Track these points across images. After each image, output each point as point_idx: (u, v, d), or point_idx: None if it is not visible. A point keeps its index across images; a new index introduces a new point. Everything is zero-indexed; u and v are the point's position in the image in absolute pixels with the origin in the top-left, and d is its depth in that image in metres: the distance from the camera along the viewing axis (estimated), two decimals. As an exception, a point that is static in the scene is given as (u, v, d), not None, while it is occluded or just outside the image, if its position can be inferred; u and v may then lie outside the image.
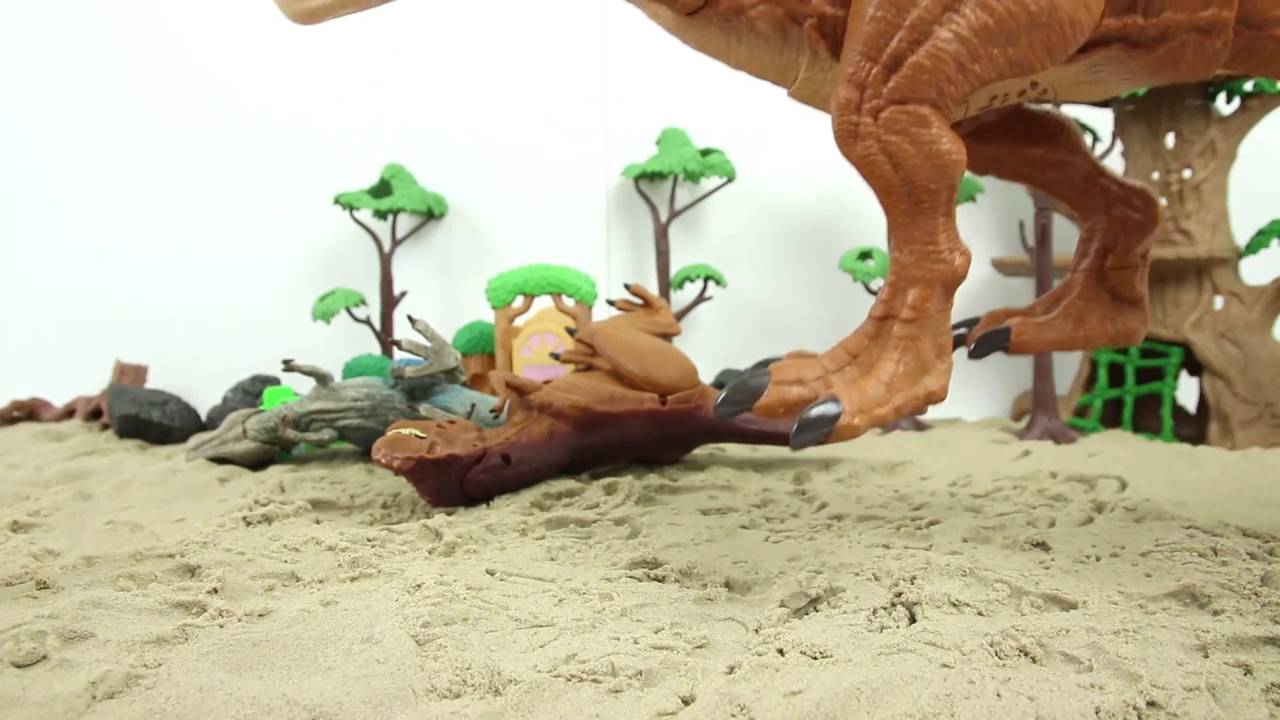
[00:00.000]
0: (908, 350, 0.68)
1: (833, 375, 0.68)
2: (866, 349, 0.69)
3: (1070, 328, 0.88)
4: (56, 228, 2.31)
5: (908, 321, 0.68)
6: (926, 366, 0.68)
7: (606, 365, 1.38)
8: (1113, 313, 0.88)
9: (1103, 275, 0.89)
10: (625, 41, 2.24)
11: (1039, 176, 0.90)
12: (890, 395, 0.66)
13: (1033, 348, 0.87)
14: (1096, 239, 0.89)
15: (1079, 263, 0.90)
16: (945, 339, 0.69)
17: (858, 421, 0.63)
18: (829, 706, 0.56)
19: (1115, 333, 0.88)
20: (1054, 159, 0.89)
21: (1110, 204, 0.89)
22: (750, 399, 0.66)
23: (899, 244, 0.69)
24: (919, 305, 0.68)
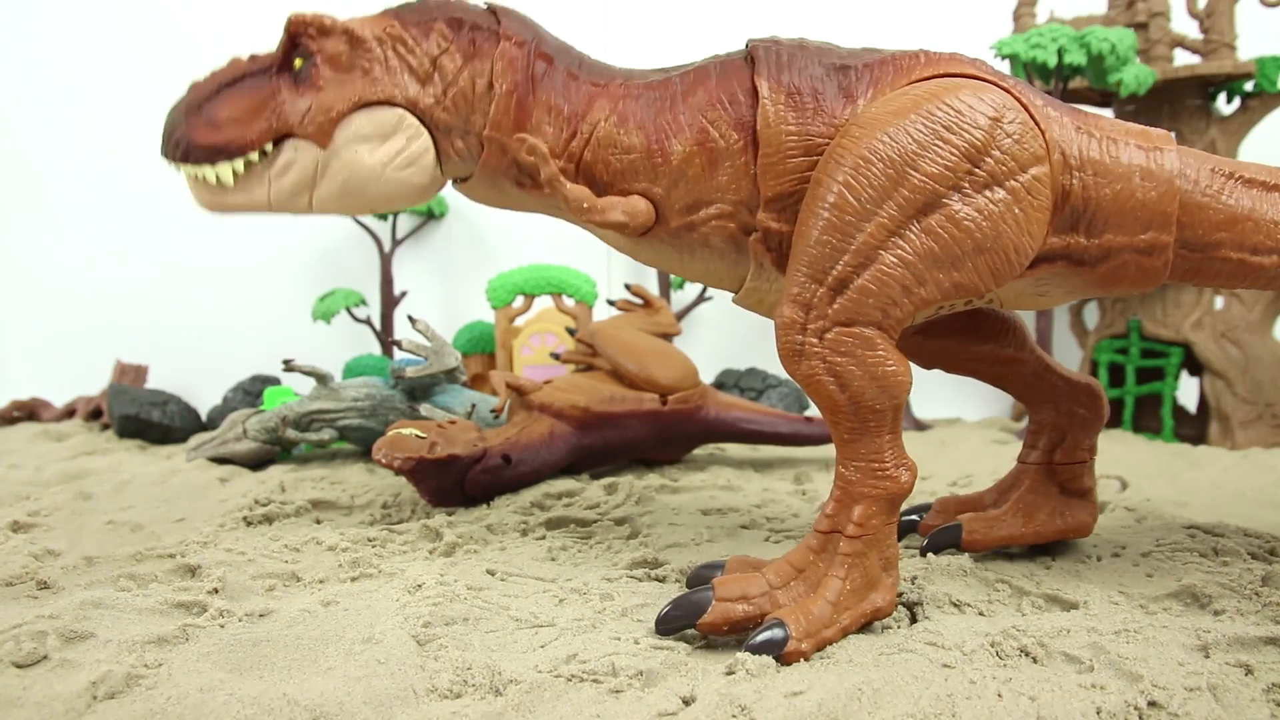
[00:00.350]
0: (854, 567, 0.68)
1: (778, 592, 0.68)
2: (812, 564, 0.69)
3: (1020, 523, 0.88)
4: (56, 228, 2.31)
5: (853, 538, 0.68)
6: (873, 582, 0.69)
7: (606, 365, 1.38)
8: (1062, 506, 0.89)
9: (1052, 470, 0.90)
10: (625, 40, 2.24)
11: (987, 371, 0.91)
12: (838, 614, 0.66)
13: (983, 546, 0.88)
14: (1045, 433, 0.90)
15: (1027, 455, 0.91)
16: (891, 552, 0.70)
17: (805, 647, 0.64)
18: (830, 707, 0.56)
19: (1065, 527, 0.89)
20: (1003, 355, 0.89)
21: (1058, 400, 0.90)
22: (693, 615, 0.66)
23: (844, 460, 0.69)
24: (864, 522, 0.68)
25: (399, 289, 2.15)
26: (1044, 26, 1.64)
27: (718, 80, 0.76)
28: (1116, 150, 0.73)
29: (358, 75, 0.80)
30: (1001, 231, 0.68)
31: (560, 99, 0.80)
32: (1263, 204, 0.74)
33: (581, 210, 0.77)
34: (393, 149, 0.81)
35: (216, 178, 0.82)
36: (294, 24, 0.81)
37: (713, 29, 2.24)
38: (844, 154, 0.69)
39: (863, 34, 2.20)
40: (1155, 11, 1.72)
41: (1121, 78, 1.59)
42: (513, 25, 0.82)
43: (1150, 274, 0.74)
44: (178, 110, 0.82)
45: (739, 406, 1.44)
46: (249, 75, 0.83)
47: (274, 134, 0.81)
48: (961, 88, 0.70)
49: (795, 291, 0.68)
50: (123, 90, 2.29)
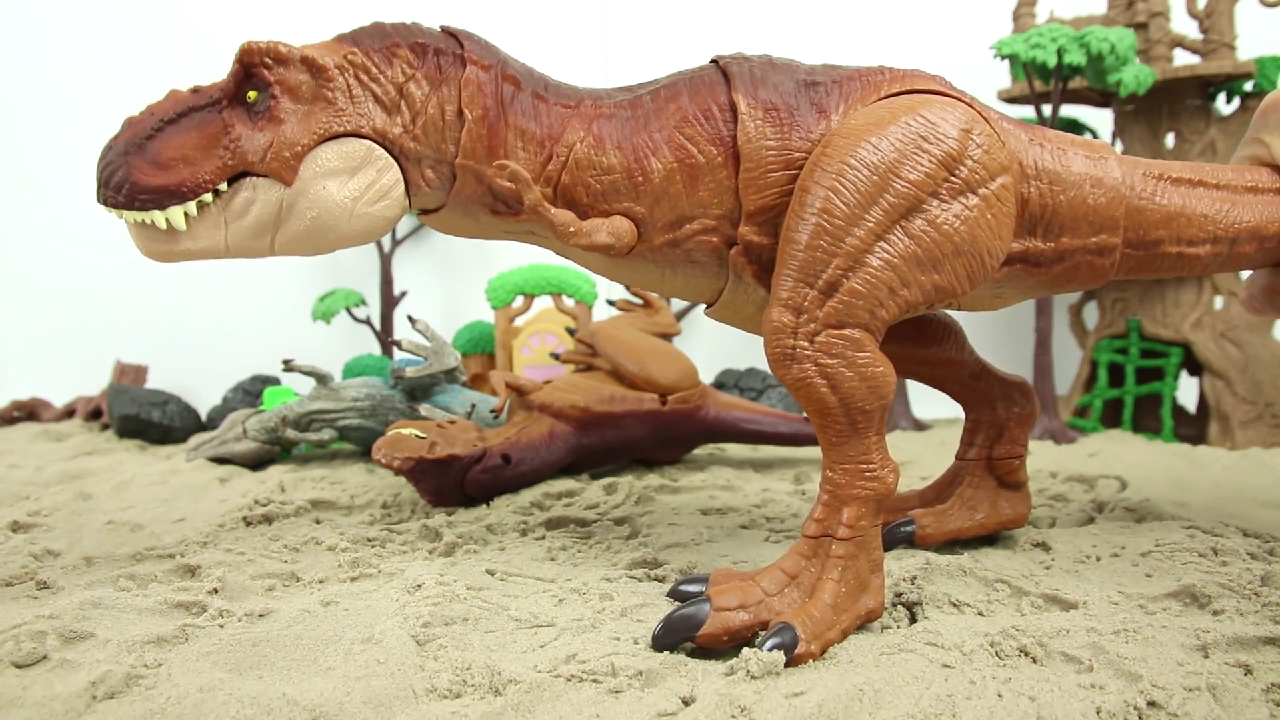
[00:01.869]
0: (847, 569, 0.69)
1: (773, 599, 0.68)
2: (804, 569, 0.70)
3: (965, 516, 0.93)
4: (56, 228, 2.31)
5: (845, 540, 0.69)
6: (864, 584, 0.70)
7: (606, 365, 1.38)
8: (1001, 499, 0.94)
9: (991, 465, 0.94)
10: (625, 39, 2.24)
11: (929, 374, 0.96)
12: (837, 616, 0.67)
13: (933, 540, 0.91)
14: (981, 431, 0.95)
15: (965, 451, 0.96)
16: (878, 554, 0.71)
17: (814, 648, 0.64)
18: (831, 708, 0.56)
19: (1004, 519, 0.93)
20: (944, 358, 0.94)
21: (995, 400, 0.95)
22: (692, 628, 0.66)
23: (832, 463, 0.70)
24: (855, 524, 0.69)
25: (399, 289, 2.16)
26: (1044, 26, 1.64)
27: (690, 97, 0.76)
28: (1067, 160, 0.78)
29: (321, 106, 0.75)
30: (977, 235, 0.71)
31: (531, 122, 0.78)
32: (1190, 200, 0.80)
33: (567, 234, 0.75)
34: (363, 182, 0.76)
35: (167, 222, 0.75)
36: (247, 53, 0.75)
37: (712, 36, 2.24)
38: (830, 162, 0.70)
39: (862, 35, 2.20)
40: (1155, 11, 1.72)
41: (1121, 78, 1.59)
42: (476, 49, 0.79)
43: (1100, 272, 0.80)
44: (114, 151, 0.75)
45: (739, 406, 1.44)
46: (194, 109, 0.77)
47: (230, 172, 0.75)
48: (932, 102, 0.73)
49: (785, 296, 0.69)
50: (122, 90, 2.29)
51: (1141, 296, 1.79)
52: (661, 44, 2.23)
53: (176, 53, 2.28)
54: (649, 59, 2.23)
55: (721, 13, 2.24)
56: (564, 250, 0.82)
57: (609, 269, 0.82)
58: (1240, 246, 0.81)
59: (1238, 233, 0.80)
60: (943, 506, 0.94)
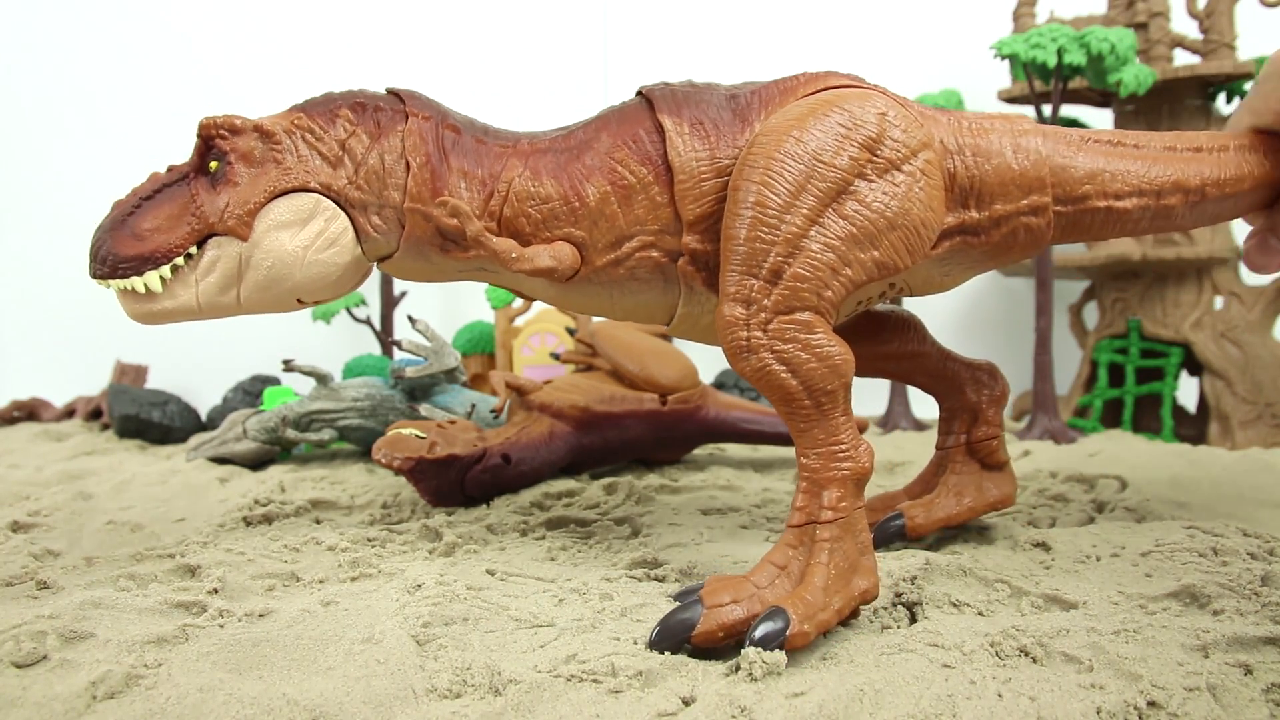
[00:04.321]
0: (835, 551, 0.69)
1: (765, 591, 0.69)
2: (792, 559, 0.71)
3: (954, 503, 0.94)
4: (57, 228, 2.31)
5: (829, 523, 0.70)
6: (854, 566, 0.70)
7: (606, 365, 1.38)
8: (985, 481, 0.95)
9: (972, 448, 0.96)
10: (625, 38, 2.24)
11: (895, 369, 0.98)
12: (829, 599, 0.68)
13: (926, 530, 0.93)
14: (957, 417, 0.97)
15: (945, 440, 0.98)
16: (865, 537, 0.72)
17: (807, 628, 0.64)
18: (831, 708, 0.56)
19: (992, 500, 0.95)
20: (907, 351, 0.96)
21: (962, 384, 0.97)
22: (687, 630, 0.66)
23: (805, 449, 0.72)
24: (836, 505, 0.70)
25: (399, 289, 2.16)
26: (1044, 26, 1.64)
27: (618, 125, 0.82)
28: (986, 133, 0.81)
29: (271, 167, 0.83)
30: (909, 209, 0.74)
31: (473, 164, 0.83)
32: (1113, 157, 0.83)
33: (510, 260, 0.79)
34: (312, 232, 0.83)
35: (145, 286, 0.83)
36: (205, 127, 0.83)
37: (711, 40, 2.24)
38: (757, 159, 0.73)
39: (862, 35, 2.20)
40: (1155, 11, 1.72)
41: (1121, 78, 1.59)
42: (417, 103, 0.86)
43: (1037, 235, 0.82)
44: (102, 230, 0.84)
45: (739, 406, 1.44)
46: (167, 185, 0.85)
47: (197, 235, 0.83)
48: (847, 95, 0.76)
49: (733, 290, 0.71)
50: (122, 91, 2.29)
51: (1141, 296, 1.79)
52: (661, 47, 2.23)
53: (177, 52, 2.28)
54: (649, 62, 2.23)
55: (720, 16, 2.24)
56: (515, 283, 0.86)
57: (560, 298, 0.86)
58: (1165, 199, 0.83)
59: (1161, 186, 0.83)
60: (930, 496, 0.95)
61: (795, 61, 2.20)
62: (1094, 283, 1.91)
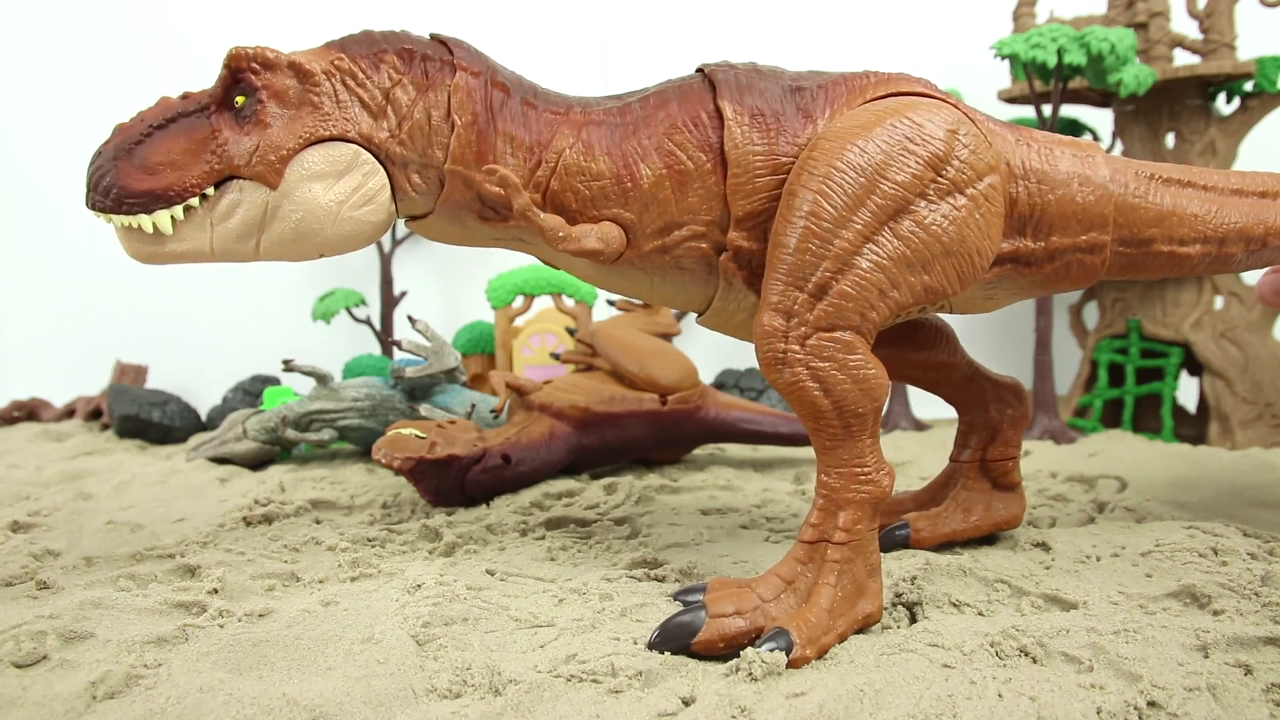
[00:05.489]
0: (844, 574, 0.69)
1: (770, 605, 0.68)
2: (800, 575, 0.70)
3: (960, 518, 0.93)
4: (57, 228, 2.31)
5: (841, 544, 0.69)
6: (861, 589, 0.70)
7: (606, 365, 1.38)
8: (996, 501, 0.94)
9: (985, 466, 0.95)
10: (625, 38, 2.24)
11: (922, 377, 0.96)
12: (834, 621, 0.67)
13: (929, 542, 0.91)
14: (975, 433, 0.95)
15: (960, 454, 0.96)
16: (875, 558, 0.71)
17: (809, 653, 0.64)
18: (831, 708, 0.56)
19: (999, 520, 0.94)
20: (937, 361, 0.94)
21: (988, 402, 0.95)
22: (688, 636, 0.66)
23: (826, 468, 0.70)
24: (851, 528, 0.69)
25: (399, 289, 2.15)
26: (1044, 26, 1.64)
27: (679, 104, 0.77)
28: (1055, 159, 0.78)
29: (307, 111, 0.76)
30: (966, 235, 0.72)
31: (521, 129, 0.78)
32: (1182, 200, 0.81)
33: (557, 239, 0.75)
34: (349, 186, 0.77)
35: (154, 226, 0.76)
36: (235, 58, 0.75)
37: (711, 39, 2.24)
38: (816, 165, 0.71)
39: (862, 35, 2.20)
40: (1155, 11, 1.72)
41: (1121, 78, 1.59)
42: (466, 56, 0.80)
43: (1090, 271, 0.80)
44: (104, 156, 0.76)
45: (739, 406, 1.44)
46: (183, 115, 0.77)
47: (217, 176, 0.76)
48: (918, 105, 0.73)
49: (775, 300, 0.70)
50: (122, 90, 2.29)
51: (1141, 296, 1.79)
52: (661, 48, 2.23)
53: (174, 54, 2.28)
54: (649, 63, 2.23)
55: (721, 15, 2.24)
56: (553, 257, 0.82)
57: (599, 277, 0.82)
58: (1228, 247, 0.82)
59: (1226, 234, 0.81)
60: (937, 509, 0.94)
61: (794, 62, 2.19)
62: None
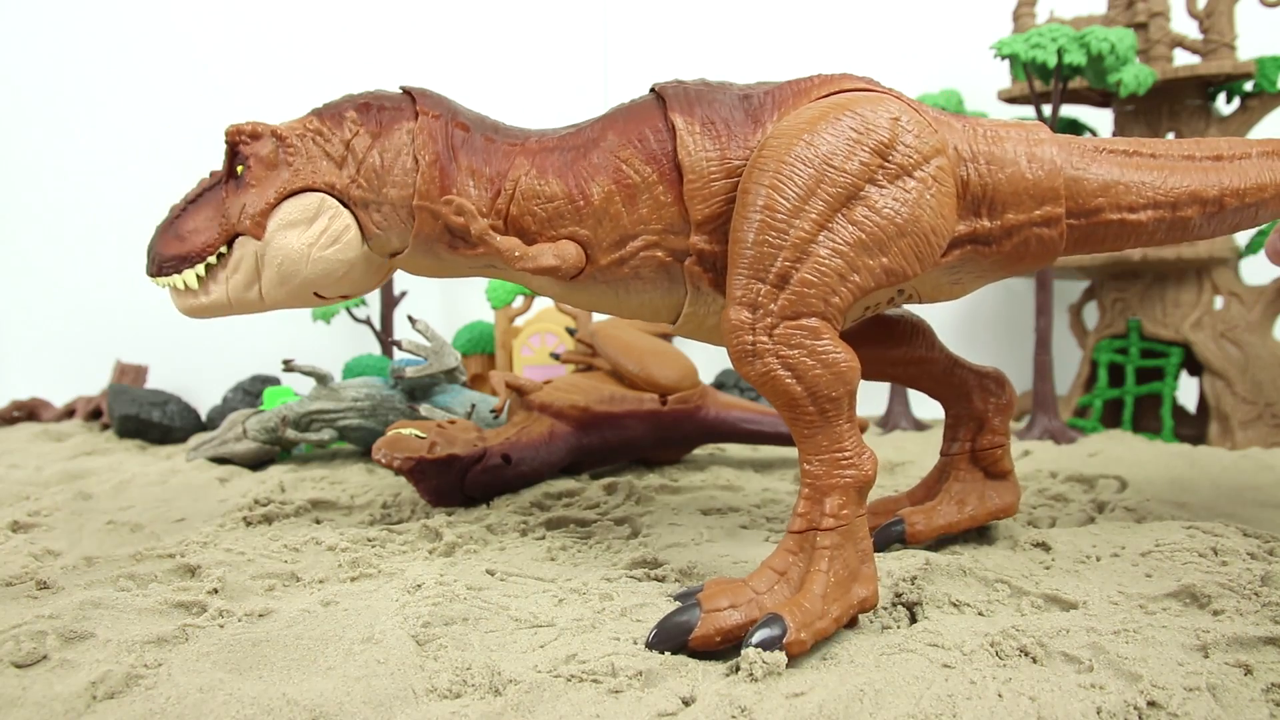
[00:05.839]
0: (835, 559, 0.69)
1: (763, 596, 0.69)
2: (792, 565, 0.70)
3: (955, 511, 0.94)
4: (56, 228, 2.31)
5: (830, 530, 0.70)
6: (854, 574, 0.70)
7: (606, 365, 1.38)
8: (989, 490, 0.95)
9: (975, 456, 0.96)
10: (626, 38, 2.24)
11: (903, 374, 0.98)
12: (828, 607, 0.67)
13: (925, 537, 0.92)
14: (962, 425, 0.97)
15: (949, 447, 0.97)
16: (866, 544, 0.71)
17: (804, 636, 0.64)
18: (831, 708, 0.56)
19: (994, 509, 0.95)
20: (915, 357, 0.96)
21: (970, 391, 0.96)
22: (684, 633, 0.66)
23: (808, 455, 0.72)
24: (838, 513, 0.70)
25: (399, 289, 2.16)
26: (1044, 26, 1.64)
27: (626, 122, 0.81)
28: (1001, 140, 0.80)
29: (283, 169, 0.88)
30: (918, 216, 0.73)
31: (481, 162, 0.85)
32: (1128, 169, 0.82)
33: (514, 259, 0.80)
34: (317, 230, 0.87)
35: (184, 284, 0.90)
36: (230, 134, 0.88)
37: (711, 40, 2.24)
38: (767, 161, 0.73)
39: (862, 35, 2.20)
40: (1155, 11, 1.72)
41: (1121, 78, 1.59)
42: (428, 102, 0.88)
43: (1049, 245, 0.81)
44: (157, 230, 0.91)
45: (739, 406, 1.44)
46: (208, 189, 0.91)
47: (226, 236, 0.88)
48: (861, 98, 0.76)
49: (739, 293, 0.71)
50: (123, 91, 2.29)
51: (1141, 296, 1.79)
52: (662, 50, 2.23)
53: (177, 53, 2.28)
54: (650, 55, 2.23)
55: (720, 16, 2.23)
56: (524, 279, 0.86)
57: (566, 294, 0.86)
58: (1181, 211, 0.82)
59: (1178, 198, 0.82)
60: (931, 503, 0.94)
61: (795, 61, 2.20)
62: (1094, 283, 1.92)
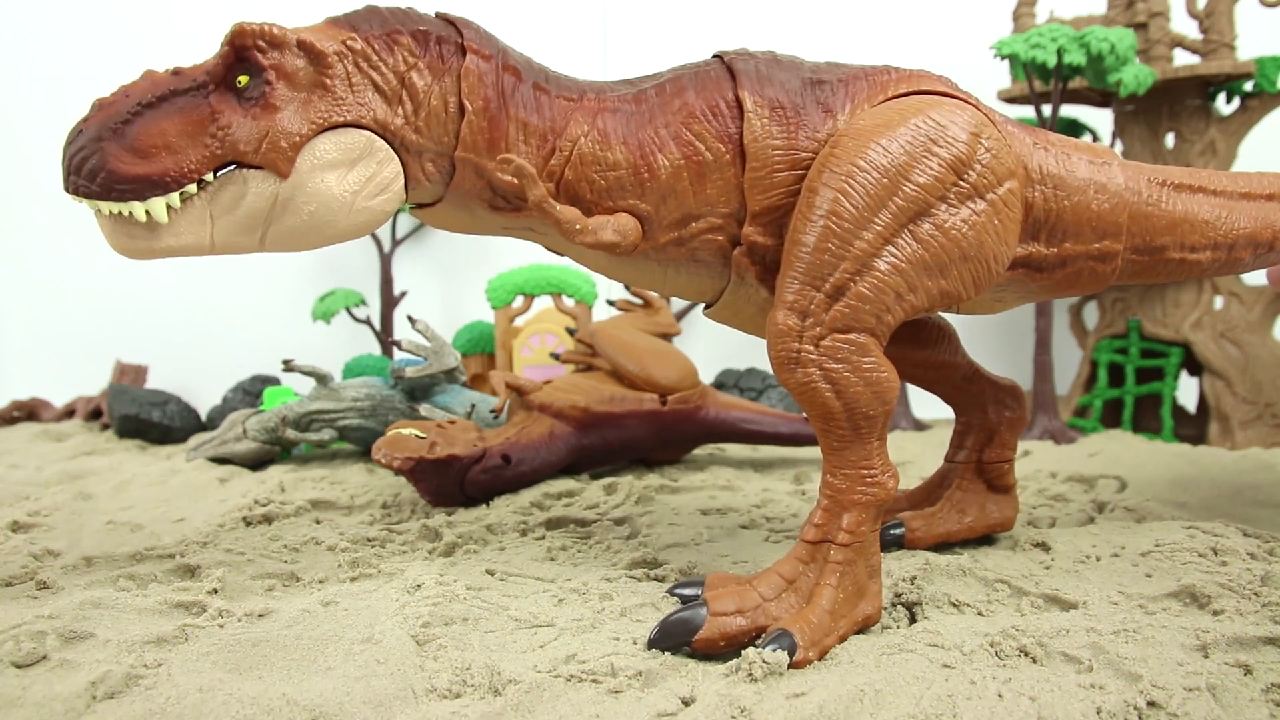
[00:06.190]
0: (846, 575, 0.69)
1: (770, 604, 0.68)
2: (802, 574, 0.70)
3: (955, 519, 0.93)
4: (57, 228, 2.31)
5: (844, 546, 0.69)
6: (862, 590, 0.70)
7: (606, 365, 1.38)
8: (989, 502, 0.94)
9: (981, 468, 0.95)
10: (626, 38, 2.24)
11: (922, 376, 0.96)
12: (835, 623, 0.67)
13: (924, 543, 0.92)
14: (972, 434, 0.95)
15: (955, 454, 0.96)
16: (876, 560, 0.71)
17: (813, 654, 0.64)
18: (832, 709, 0.56)
19: (993, 522, 0.94)
20: (938, 360, 0.94)
21: (986, 403, 0.95)
22: (688, 633, 0.66)
23: (832, 469, 0.70)
24: (855, 529, 0.69)
25: (399, 289, 2.15)
26: (1043, 26, 1.64)
27: (696, 92, 0.75)
28: (1072, 165, 0.78)
29: (319, 94, 0.71)
30: (984, 241, 0.71)
31: (534, 115, 0.75)
32: (1193, 206, 0.81)
33: (574, 232, 0.72)
34: (362, 175, 0.73)
35: (147, 214, 0.69)
36: (239, 35, 0.70)
37: (711, 34, 2.24)
38: (839, 163, 0.69)
39: (862, 34, 2.20)
40: (1155, 11, 1.72)
41: (1121, 78, 1.59)
42: (476, 38, 0.76)
43: (1100, 279, 0.80)
44: (85, 136, 0.68)
45: (739, 406, 1.44)
46: (176, 93, 0.70)
47: (218, 161, 0.70)
48: (941, 104, 0.72)
49: (791, 299, 0.69)
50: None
51: (1141, 296, 1.79)
52: (661, 42, 2.23)
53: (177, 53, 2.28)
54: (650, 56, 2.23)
55: (720, 16, 2.24)
56: (566, 247, 0.80)
57: (611, 268, 0.80)
58: (1237, 252, 0.82)
59: (1236, 239, 0.81)
60: (932, 509, 0.94)
61: (795, 61, 2.19)
62: (1094, 283, 1.91)
